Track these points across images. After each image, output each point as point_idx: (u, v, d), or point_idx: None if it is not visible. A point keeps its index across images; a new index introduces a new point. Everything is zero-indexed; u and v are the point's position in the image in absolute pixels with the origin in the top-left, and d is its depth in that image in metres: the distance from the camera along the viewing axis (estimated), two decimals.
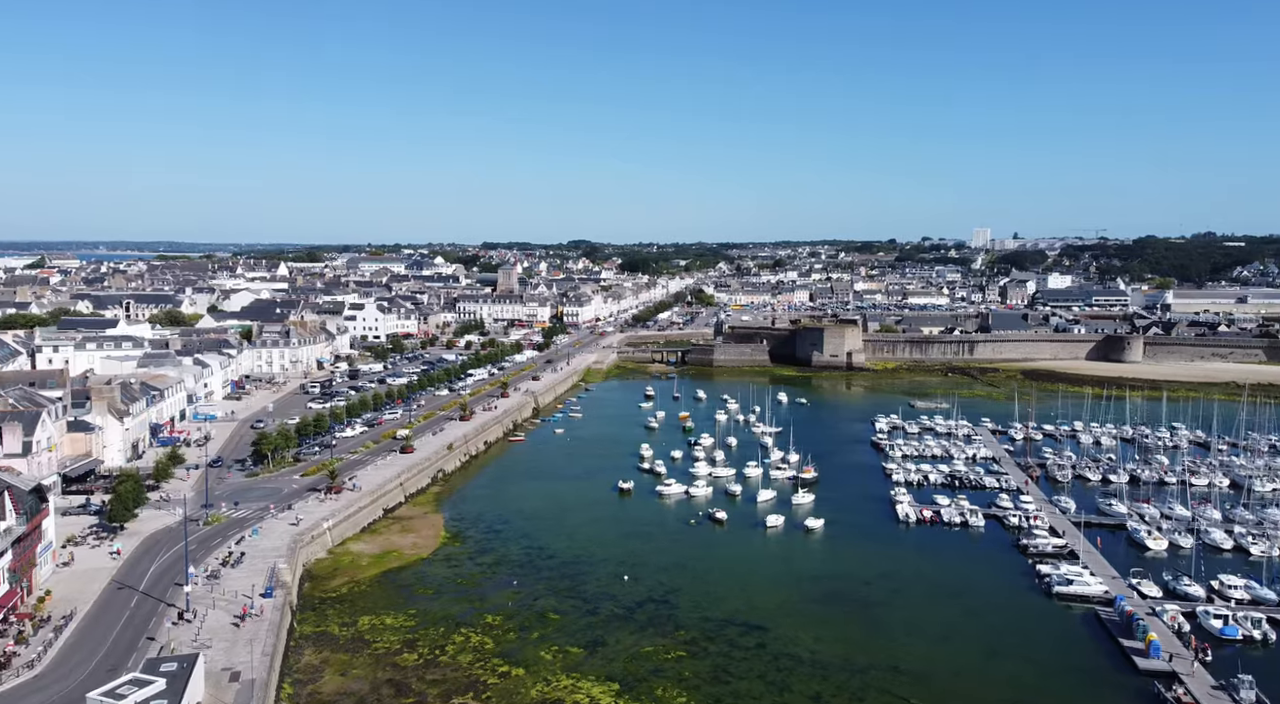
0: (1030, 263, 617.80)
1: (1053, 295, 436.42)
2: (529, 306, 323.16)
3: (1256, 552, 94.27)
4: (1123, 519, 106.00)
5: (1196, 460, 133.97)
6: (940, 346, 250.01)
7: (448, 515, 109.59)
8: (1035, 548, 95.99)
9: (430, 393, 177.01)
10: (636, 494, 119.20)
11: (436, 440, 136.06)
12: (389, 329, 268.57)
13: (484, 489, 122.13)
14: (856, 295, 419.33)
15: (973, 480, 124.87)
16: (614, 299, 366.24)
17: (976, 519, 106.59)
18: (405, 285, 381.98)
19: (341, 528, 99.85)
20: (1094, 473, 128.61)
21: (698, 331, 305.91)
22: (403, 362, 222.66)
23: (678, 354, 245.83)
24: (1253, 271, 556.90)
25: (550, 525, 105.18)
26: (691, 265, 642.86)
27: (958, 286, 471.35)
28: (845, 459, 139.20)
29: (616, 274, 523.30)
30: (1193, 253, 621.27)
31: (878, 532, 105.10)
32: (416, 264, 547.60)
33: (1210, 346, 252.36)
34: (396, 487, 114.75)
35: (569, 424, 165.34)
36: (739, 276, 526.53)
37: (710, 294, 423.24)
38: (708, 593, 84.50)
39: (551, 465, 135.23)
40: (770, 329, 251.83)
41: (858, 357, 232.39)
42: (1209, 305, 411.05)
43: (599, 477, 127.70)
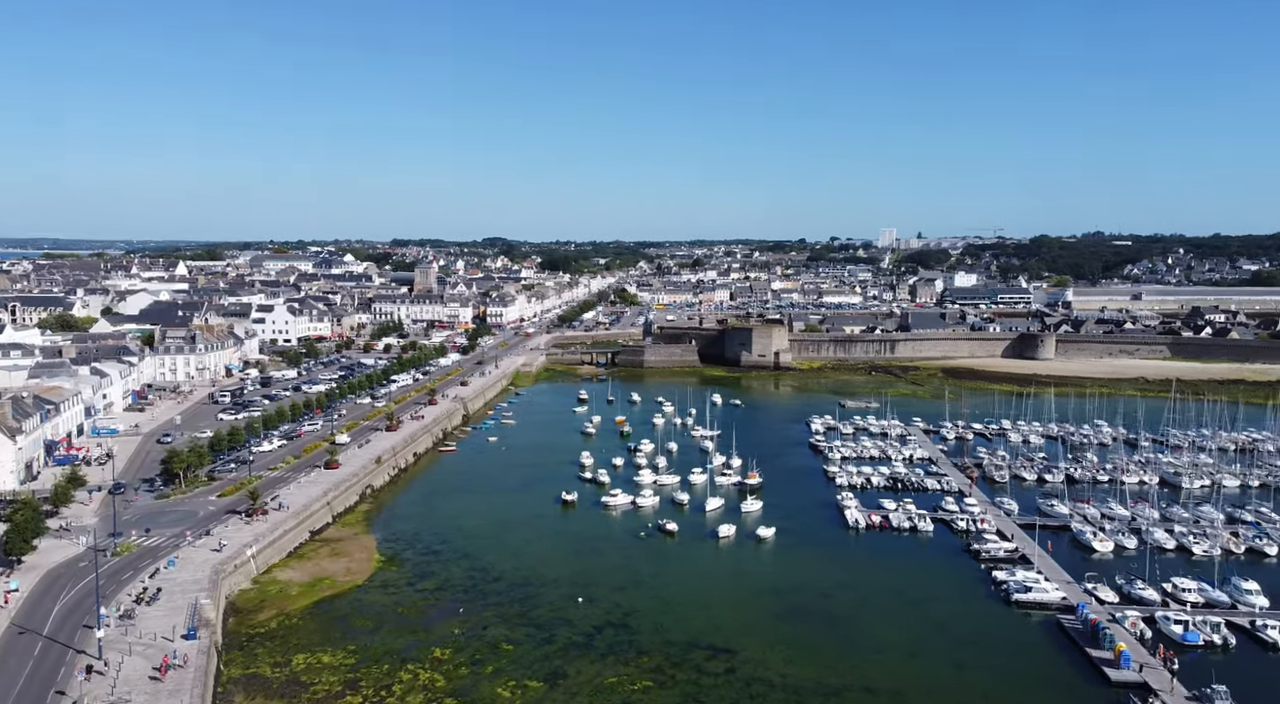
0: (935, 261, 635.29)
1: (960, 293, 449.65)
2: (450, 307, 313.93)
3: (1199, 551, 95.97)
4: (1065, 520, 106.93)
5: (1123, 458, 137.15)
6: (863, 346, 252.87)
7: (381, 536, 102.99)
8: (987, 553, 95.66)
9: (351, 401, 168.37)
10: (581, 506, 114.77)
11: (363, 453, 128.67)
12: (301, 332, 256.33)
13: (417, 505, 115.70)
14: (774, 294, 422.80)
15: (914, 483, 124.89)
16: (537, 299, 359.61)
17: (925, 524, 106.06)
18: (315, 285, 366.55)
19: (266, 554, 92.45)
20: (1029, 472, 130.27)
21: (625, 332, 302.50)
22: (318, 367, 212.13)
23: (607, 355, 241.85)
24: (1142, 269, 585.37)
25: (493, 543, 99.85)
26: (612, 264, 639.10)
27: (869, 285, 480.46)
28: (786, 462, 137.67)
29: (537, 273, 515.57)
30: (1085, 252, 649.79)
31: (829, 539, 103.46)
32: (325, 262, 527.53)
33: (1118, 343, 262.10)
34: (323, 506, 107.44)
35: (502, 431, 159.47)
36: (660, 276, 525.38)
37: (633, 293, 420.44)
38: (668, 613, 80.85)
39: (488, 477, 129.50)
40: (699, 329, 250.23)
41: (785, 356, 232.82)
42: (1106, 302, 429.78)
43: (539, 488, 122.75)
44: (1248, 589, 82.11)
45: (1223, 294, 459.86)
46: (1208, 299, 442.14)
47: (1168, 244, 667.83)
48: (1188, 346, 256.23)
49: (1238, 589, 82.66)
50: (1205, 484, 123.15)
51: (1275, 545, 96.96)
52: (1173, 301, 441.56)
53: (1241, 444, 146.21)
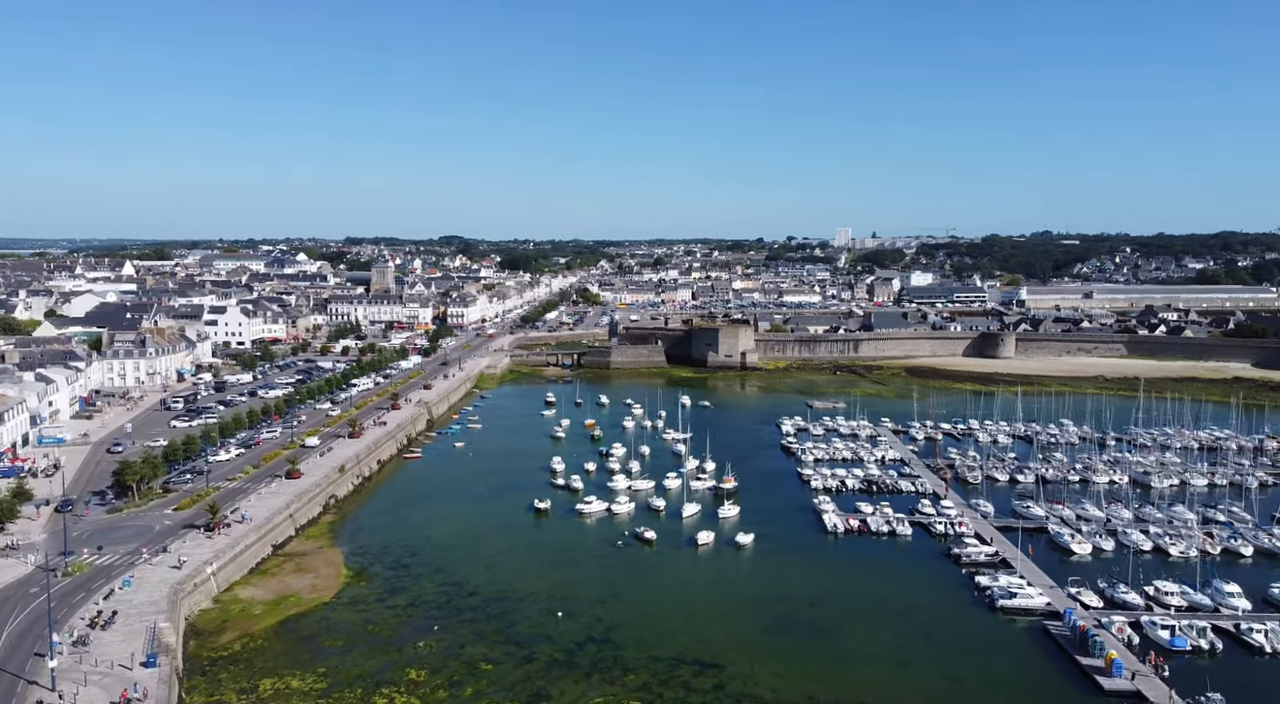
0: (890, 261, 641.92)
1: (917, 292, 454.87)
2: (409, 307, 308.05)
3: (1176, 553, 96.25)
4: (1041, 522, 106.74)
5: (1092, 457, 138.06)
6: (827, 345, 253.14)
7: (347, 549, 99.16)
8: (968, 557, 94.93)
9: (310, 406, 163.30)
10: (554, 514, 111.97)
11: (326, 462, 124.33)
12: (255, 334, 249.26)
13: (384, 516, 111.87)
14: (736, 294, 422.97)
15: (889, 485, 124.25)
16: (499, 299, 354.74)
17: (903, 527, 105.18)
18: (268, 285, 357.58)
19: (228, 571, 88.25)
20: (1001, 473, 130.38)
21: (589, 332, 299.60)
22: (274, 371, 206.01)
23: (573, 356, 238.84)
24: (1092, 268, 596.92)
25: (465, 556, 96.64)
26: (572, 263, 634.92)
27: (828, 284, 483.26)
28: (759, 465, 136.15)
29: (497, 272, 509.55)
30: (1035, 250, 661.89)
31: (808, 544, 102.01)
32: (278, 262, 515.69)
33: (1076, 342, 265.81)
34: (286, 518, 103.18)
35: (468, 436, 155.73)
36: (622, 275, 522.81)
37: (596, 293, 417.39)
38: (651, 627, 78.51)
39: (456, 484, 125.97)
40: (665, 330, 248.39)
41: (751, 356, 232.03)
42: (1059, 300, 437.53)
43: (510, 495, 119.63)
44: (1229, 592, 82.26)
45: (1171, 292, 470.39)
46: (1156, 297, 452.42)
47: (1114, 243, 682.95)
48: (1144, 345, 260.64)
49: (1219, 592, 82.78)
50: (1174, 484, 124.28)
51: (1250, 546, 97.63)
52: (1123, 299, 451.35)
53: (1204, 442, 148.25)
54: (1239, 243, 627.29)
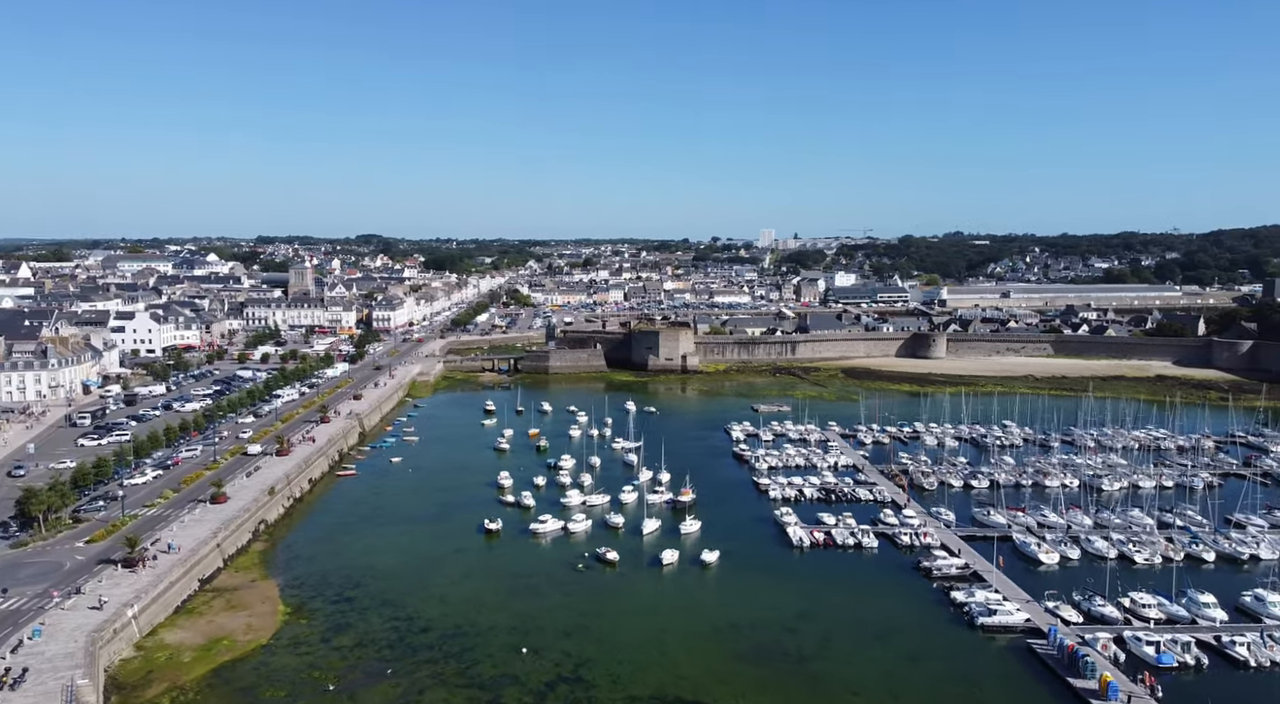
0: (812, 261, 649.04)
1: (842, 293, 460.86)
2: (331, 311, 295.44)
3: (1140, 560, 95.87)
4: (1004, 530, 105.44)
5: (1041, 460, 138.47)
6: (765, 347, 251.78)
7: (282, 581, 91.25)
8: (939, 571, 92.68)
9: (232, 420, 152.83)
10: (506, 535, 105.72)
11: (253, 483, 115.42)
12: (166, 341, 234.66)
13: (320, 542, 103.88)
14: (668, 294, 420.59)
15: (847, 493, 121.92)
16: (426, 301, 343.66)
17: (869, 539, 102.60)
18: (178, 288, 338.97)
19: (151, 612, 79.72)
20: (955, 479, 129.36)
21: (523, 335, 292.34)
22: (189, 381, 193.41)
23: (510, 361, 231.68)
24: (1004, 268, 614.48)
25: (414, 585, 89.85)
26: (499, 263, 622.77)
27: (756, 285, 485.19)
28: (713, 475, 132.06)
29: (421, 273, 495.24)
30: (949, 250, 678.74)
31: (775, 560, 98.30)
32: (187, 263, 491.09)
33: (1004, 341, 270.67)
34: (213, 549, 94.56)
35: (405, 450, 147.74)
36: (552, 275, 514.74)
37: (526, 294, 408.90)
38: (623, 661, 73.44)
39: (396, 504, 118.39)
40: (603, 333, 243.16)
41: (692, 359, 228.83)
42: (978, 300, 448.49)
43: (457, 515, 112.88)
44: (1205, 602, 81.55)
45: (1083, 291, 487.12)
46: (1070, 296, 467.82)
47: (1023, 243, 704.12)
48: (1069, 344, 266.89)
49: (1195, 602, 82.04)
50: (1123, 486, 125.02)
51: (1211, 551, 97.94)
52: (1039, 298, 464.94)
53: (1144, 443, 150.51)
54: (1139, 243, 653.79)
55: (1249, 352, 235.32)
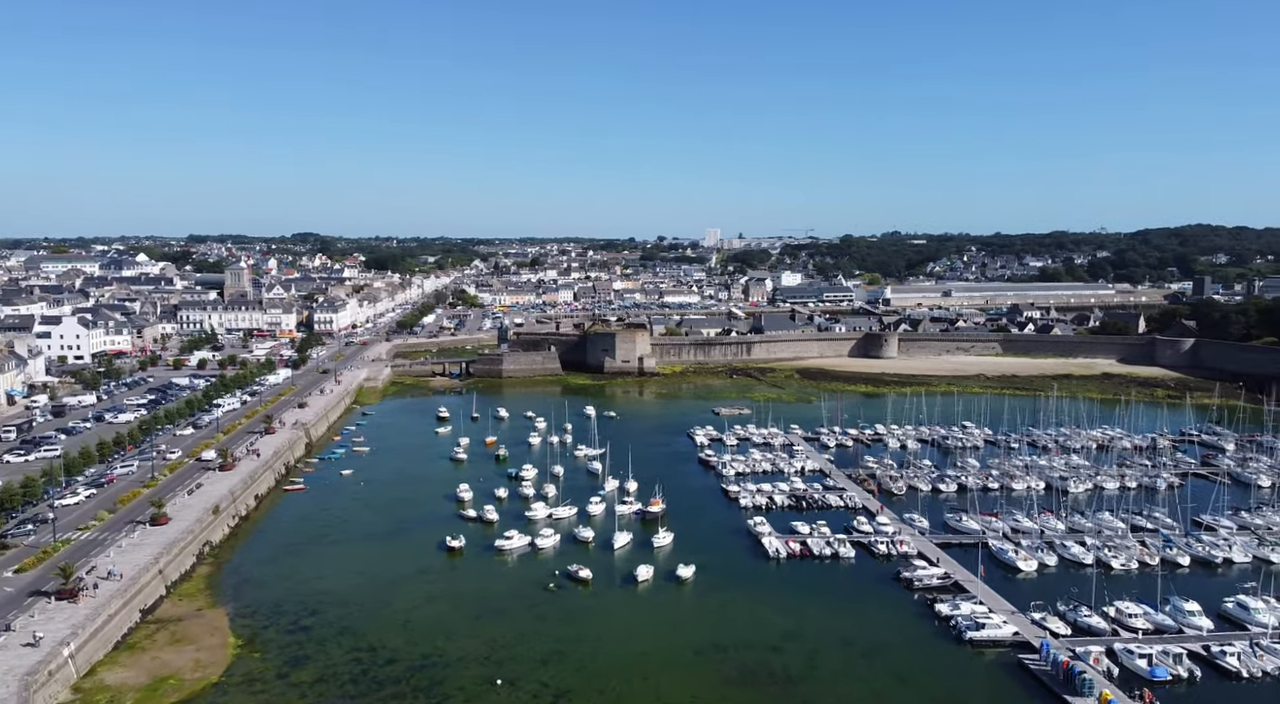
0: (757, 261, 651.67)
1: (789, 292, 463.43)
2: (270, 313, 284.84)
3: (1117, 566, 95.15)
4: (979, 537, 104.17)
5: (1005, 462, 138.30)
6: (721, 348, 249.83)
7: (232, 610, 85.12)
8: (919, 582, 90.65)
9: (169, 432, 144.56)
10: (469, 553, 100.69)
11: (196, 501, 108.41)
12: (96, 347, 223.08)
13: (270, 564, 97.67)
14: (617, 294, 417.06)
15: (818, 500, 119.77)
16: (369, 302, 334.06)
17: (845, 549, 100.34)
18: (107, 291, 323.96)
19: (90, 649, 73.20)
20: (923, 483, 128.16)
21: (472, 337, 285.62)
22: (121, 390, 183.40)
23: (461, 365, 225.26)
24: (943, 267, 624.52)
25: (374, 611, 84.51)
26: (443, 263, 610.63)
27: (704, 284, 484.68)
28: (680, 482, 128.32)
29: (362, 272, 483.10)
30: (888, 250, 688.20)
31: (752, 574, 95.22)
32: (115, 263, 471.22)
33: (954, 341, 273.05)
34: (155, 576, 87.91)
35: (355, 462, 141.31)
36: (499, 275, 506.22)
37: (473, 294, 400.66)
38: (606, 691, 69.51)
39: (350, 521, 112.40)
40: (558, 334, 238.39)
41: (649, 361, 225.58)
42: (921, 298, 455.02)
43: (415, 532, 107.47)
44: (1190, 610, 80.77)
45: (1021, 290, 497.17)
46: (1008, 294, 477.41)
47: (959, 243, 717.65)
48: (1017, 343, 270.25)
49: (1179, 610, 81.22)
50: (1088, 488, 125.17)
51: (1186, 555, 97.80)
52: (979, 297, 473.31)
53: (1100, 442, 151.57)
54: (1071, 242, 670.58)
55: (1191, 350, 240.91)
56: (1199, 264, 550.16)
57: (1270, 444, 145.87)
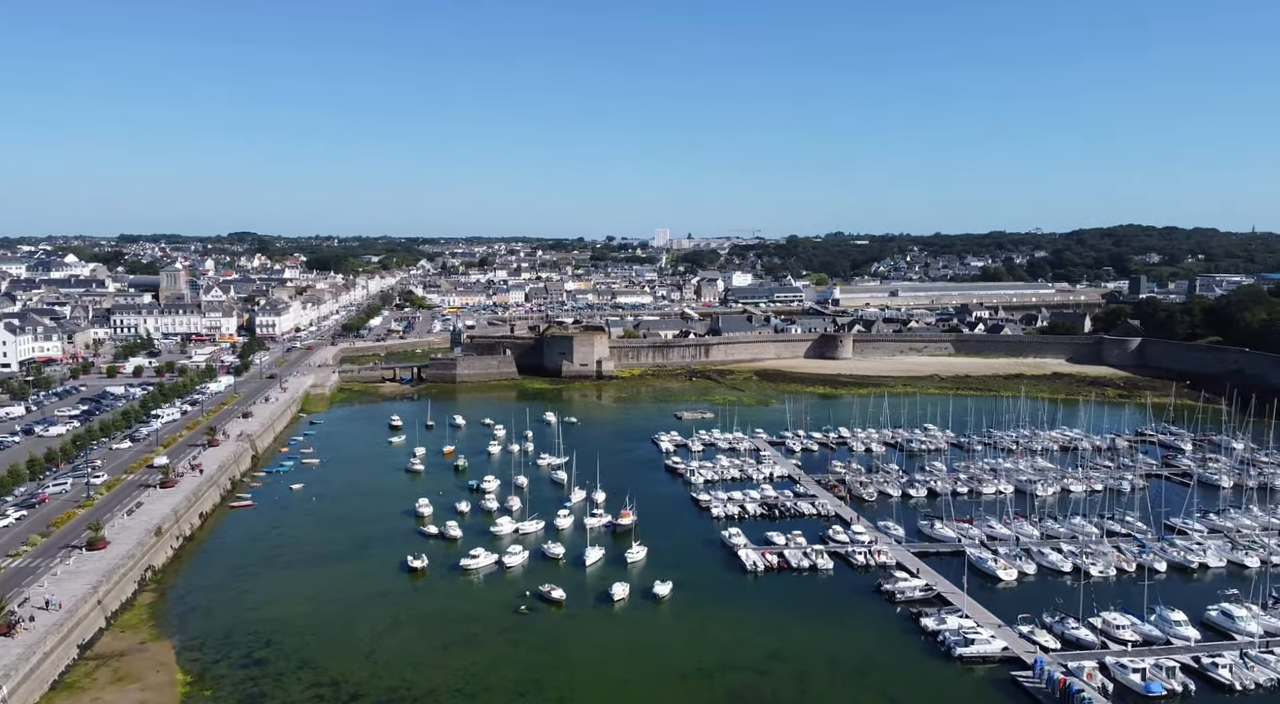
0: (707, 261, 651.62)
1: (740, 293, 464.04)
2: (209, 317, 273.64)
3: (1096, 572, 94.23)
4: (955, 545, 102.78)
5: (969, 465, 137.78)
6: (680, 351, 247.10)
7: (178, 642, 79.11)
8: (902, 594, 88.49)
9: (105, 446, 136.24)
10: (433, 573, 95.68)
11: (136, 522, 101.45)
12: (24, 354, 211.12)
13: (219, 590, 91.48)
14: (570, 295, 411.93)
15: (790, 508, 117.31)
16: (313, 305, 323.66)
17: (823, 560, 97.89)
18: (35, 294, 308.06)
19: (24, 692, 66.89)
20: (893, 488, 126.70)
21: (422, 340, 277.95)
22: (52, 400, 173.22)
23: (412, 370, 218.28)
24: (887, 267, 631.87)
25: (334, 641, 79.25)
26: (388, 263, 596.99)
27: (657, 285, 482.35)
28: (649, 491, 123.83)
29: (304, 273, 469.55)
30: (833, 250, 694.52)
31: (731, 589, 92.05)
32: (43, 265, 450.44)
33: (907, 341, 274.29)
34: (94, 606, 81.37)
35: (305, 474, 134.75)
36: (446, 275, 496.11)
37: (421, 296, 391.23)
38: None
39: (303, 540, 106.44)
40: (513, 338, 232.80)
41: (607, 364, 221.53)
42: (869, 299, 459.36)
43: (374, 551, 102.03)
44: (1176, 620, 79.88)
45: (965, 289, 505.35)
46: (952, 294, 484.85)
47: (901, 243, 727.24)
48: (969, 343, 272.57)
49: (1166, 620, 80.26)
50: (1055, 491, 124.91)
51: (1162, 561, 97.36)
52: (924, 296, 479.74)
53: (1062, 443, 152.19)
54: (1009, 242, 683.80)
55: (1137, 349, 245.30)
56: (1133, 263, 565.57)
57: (1227, 444, 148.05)
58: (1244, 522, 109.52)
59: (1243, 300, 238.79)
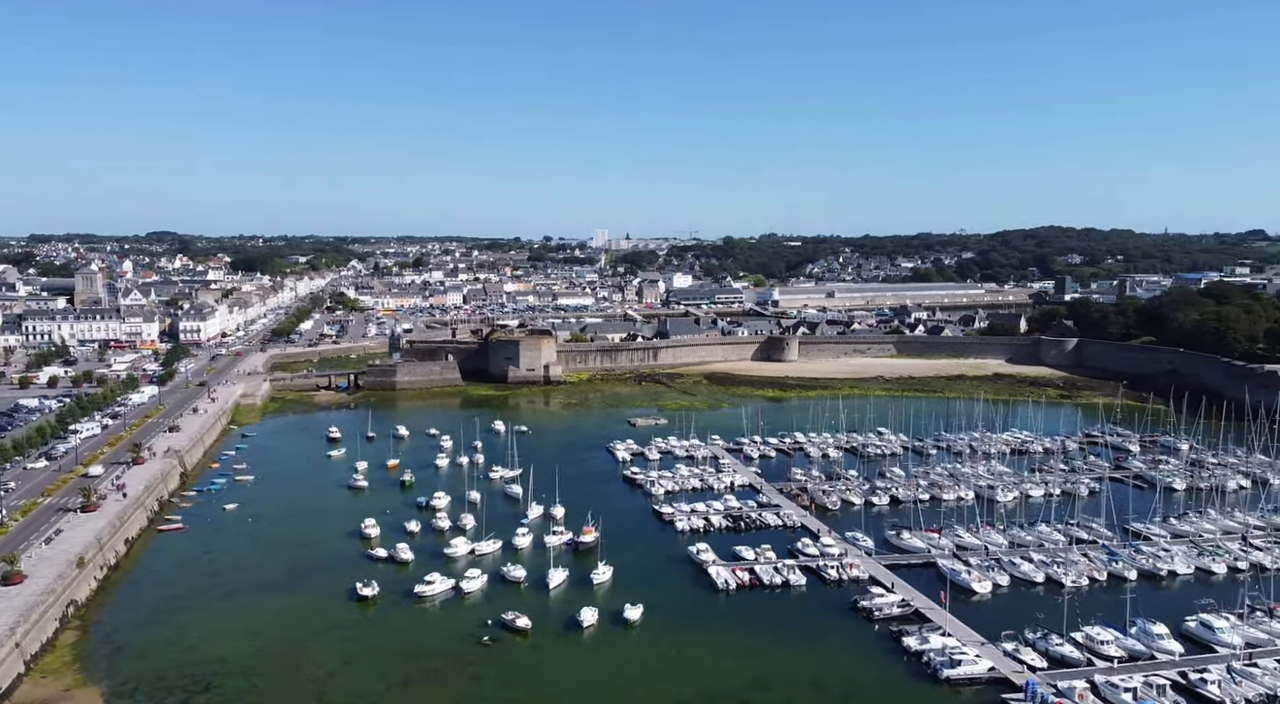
0: (646, 262, 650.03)
1: (682, 294, 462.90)
2: (129, 322, 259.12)
3: (1068, 582, 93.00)
4: (925, 556, 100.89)
5: (927, 470, 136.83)
6: (628, 354, 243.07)
7: (107, 689, 71.89)
8: (880, 612, 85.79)
9: (19, 466, 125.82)
10: (385, 602, 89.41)
11: (55, 552, 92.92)
12: None
13: (150, 626, 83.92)
14: (509, 297, 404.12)
15: (756, 520, 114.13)
16: (239, 308, 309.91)
17: (795, 576, 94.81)
18: None
19: None
20: (856, 496, 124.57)
21: (357, 345, 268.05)
22: None
23: (349, 377, 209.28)
24: (821, 268, 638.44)
25: (280, 682, 72.93)
26: (317, 263, 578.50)
27: (598, 286, 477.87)
28: (607, 504, 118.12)
29: (228, 274, 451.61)
30: (767, 252, 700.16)
31: (703, 611, 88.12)
32: None
33: (851, 343, 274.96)
34: (11, 650, 73.33)
35: (239, 493, 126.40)
36: (379, 276, 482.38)
37: (354, 298, 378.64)
38: None
39: (240, 567, 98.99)
40: (455, 342, 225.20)
41: (555, 369, 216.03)
42: (807, 300, 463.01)
43: (318, 579, 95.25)
44: (1158, 633, 78.60)
45: (899, 290, 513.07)
46: (886, 295, 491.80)
47: (833, 244, 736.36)
48: (911, 344, 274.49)
49: (1148, 634, 78.93)
50: (1015, 497, 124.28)
51: (1132, 568, 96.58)
52: (859, 297, 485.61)
53: (1014, 446, 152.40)
54: (937, 243, 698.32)
55: (1075, 349, 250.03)
56: (1057, 264, 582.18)
57: (1173, 444, 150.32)
58: (1204, 525, 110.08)
59: (1174, 301, 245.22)
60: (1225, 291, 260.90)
